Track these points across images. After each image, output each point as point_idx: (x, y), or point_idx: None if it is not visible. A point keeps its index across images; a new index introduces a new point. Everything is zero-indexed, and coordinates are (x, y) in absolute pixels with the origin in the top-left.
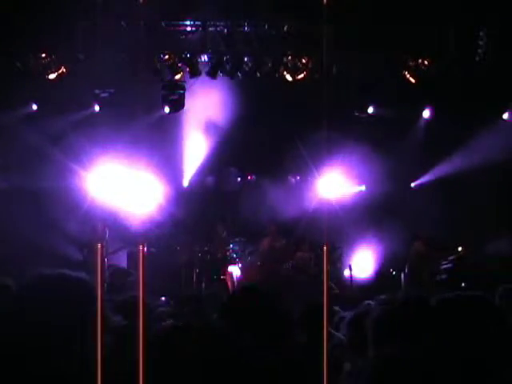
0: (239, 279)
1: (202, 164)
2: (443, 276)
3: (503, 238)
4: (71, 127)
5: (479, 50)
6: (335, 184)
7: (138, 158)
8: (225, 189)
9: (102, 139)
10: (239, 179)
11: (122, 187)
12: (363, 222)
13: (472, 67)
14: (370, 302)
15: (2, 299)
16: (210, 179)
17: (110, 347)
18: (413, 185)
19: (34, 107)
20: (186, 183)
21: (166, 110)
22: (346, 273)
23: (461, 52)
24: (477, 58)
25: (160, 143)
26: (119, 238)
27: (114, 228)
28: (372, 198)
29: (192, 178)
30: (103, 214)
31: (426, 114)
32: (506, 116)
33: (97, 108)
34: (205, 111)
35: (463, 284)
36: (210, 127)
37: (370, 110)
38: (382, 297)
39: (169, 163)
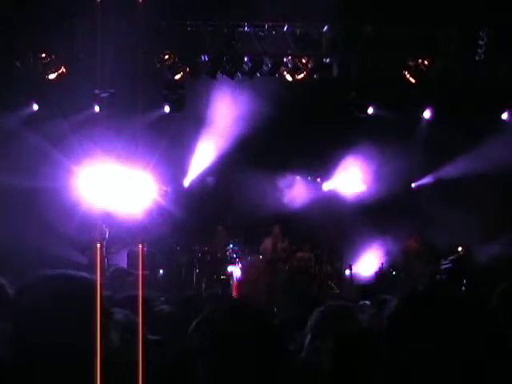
0: (239, 279)
1: (202, 164)
2: (443, 276)
3: (504, 238)
4: (71, 127)
5: (479, 50)
6: (336, 183)
7: (138, 158)
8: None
9: (102, 139)
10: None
11: (120, 187)
12: (364, 222)
13: (472, 67)
14: (366, 302)
15: None
16: (210, 180)
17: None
18: (413, 185)
19: (35, 107)
20: (186, 183)
21: (167, 109)
22: (346, 273)
23: (461, 52)
24: (477, 58)
25: (160, 143)
26: (119, 237)
27: (113, 228)
28: (373, 197)
29: (193, 178)
30: (102, 214)
31: (427, 114)
32: (505, 116)
33: (97, 108)
34: (207, 111)
35: (464, 284)
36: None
37: (370, 110)
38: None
39: (170, 163)
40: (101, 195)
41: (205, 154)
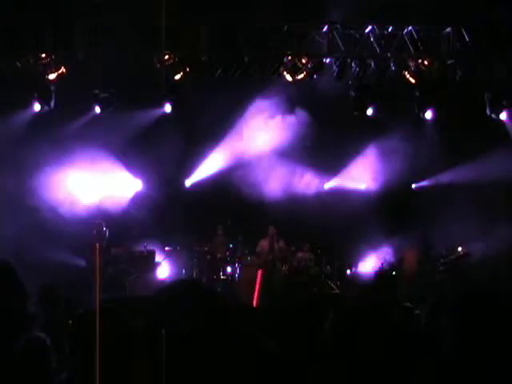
0: (239, 279)
1: (204, 165)
2: (443, 276)
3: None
4: (70, 127)
5: (478, 50)
6: (337, 182)
7: (135, 158)
8: None
9: (100, 139)
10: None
11: (108, 184)
12: (364, 222)
13: (472, 67)
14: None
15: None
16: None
17: None
18: (414, 186)
19: (35, 108)
20: (188, 183)
21: (167, 109)
22: (347, 272)
23: (460, 52)
24: (476, 58)
25: (161, 143)
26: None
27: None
28: (374, 197)
29: (194, 178)
30: (98, 211)
31: (429, 115)
32: (503, 116)
33: (97, 109)
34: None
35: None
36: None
37: (370, 111)
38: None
39: (171, 163)
40: (93, 193)
41: (206, 154)
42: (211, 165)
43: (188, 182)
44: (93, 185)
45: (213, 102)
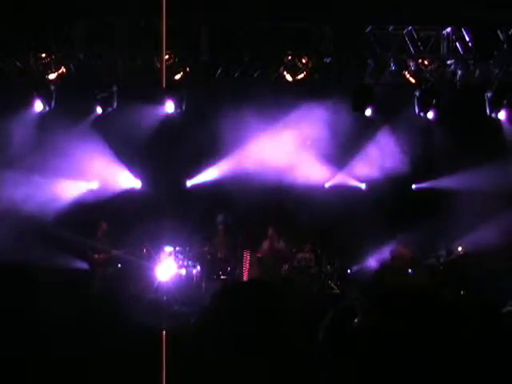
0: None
1: (205, 165)
2: (443, 276)
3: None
4: (71, 128)
5: (478, 51)
6: (336, 181)
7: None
8: None
9: (101, 139)
10: None
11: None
12: (364, 221)
13: (471, 67)
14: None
15: None
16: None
17: None
18: (414, 186)
19: (35, 108)
20: (188, 184)
21: (167, 109)
22: (347, 272)
23: (461, 52)
24: (475, 58)
25: (162, 143)
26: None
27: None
28: (374, 197)
29: (195, 178)
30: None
31: (429, 115)
32: (502, 116)
33: (99, 109)
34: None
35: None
36: None
37: (369, 112)
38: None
39: (172, 163)
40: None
41: (207, 155)
42: (212, 166)
43: (189, 183)
44: (92, 185)
45: (215, 101)
